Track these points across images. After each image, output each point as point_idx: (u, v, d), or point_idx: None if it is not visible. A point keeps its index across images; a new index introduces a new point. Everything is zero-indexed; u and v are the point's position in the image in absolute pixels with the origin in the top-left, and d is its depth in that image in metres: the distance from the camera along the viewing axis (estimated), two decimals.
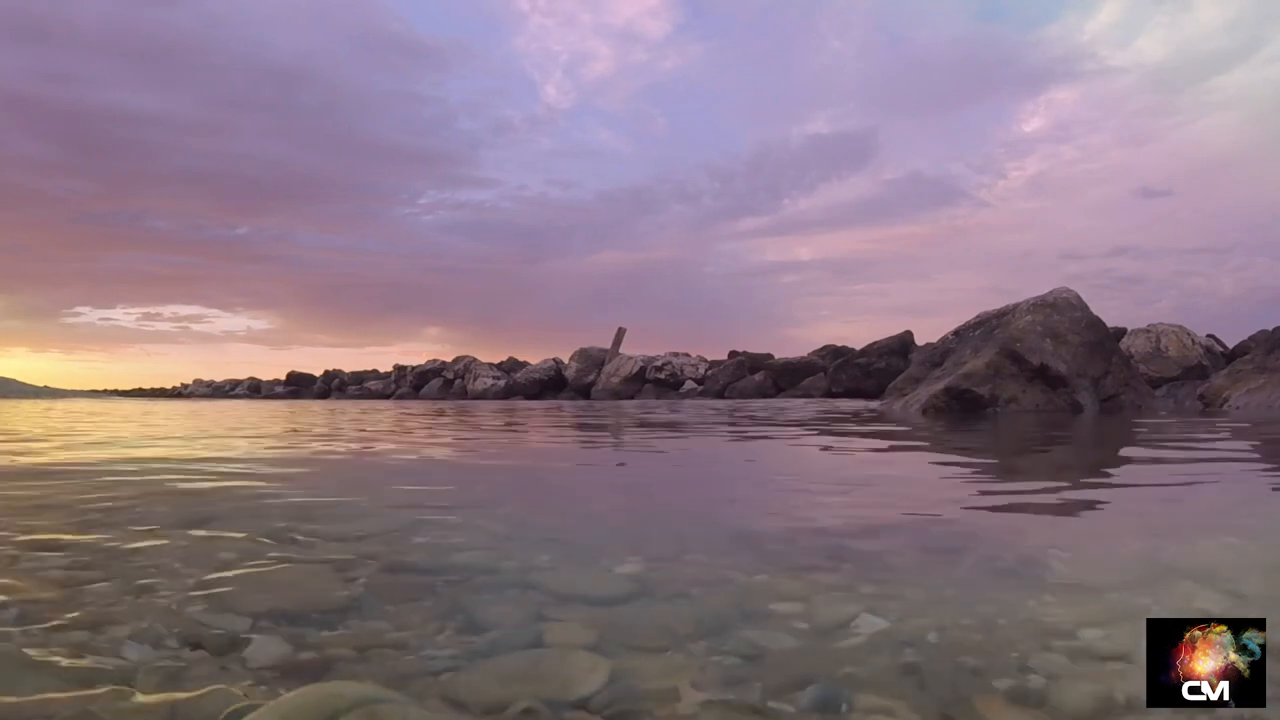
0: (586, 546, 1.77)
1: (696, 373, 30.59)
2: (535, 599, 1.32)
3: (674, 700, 0.93)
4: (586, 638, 1.14)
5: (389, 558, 1.59)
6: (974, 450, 4.59)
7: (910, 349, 23.71)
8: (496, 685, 0.97)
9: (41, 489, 2.65)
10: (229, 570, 1.48)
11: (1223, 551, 1.71)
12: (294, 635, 1.13)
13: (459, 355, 37.62)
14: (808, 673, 0.99)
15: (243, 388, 47.21)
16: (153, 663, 1.02)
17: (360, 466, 3.75)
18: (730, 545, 1.74)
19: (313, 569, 1.50)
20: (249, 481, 2.88)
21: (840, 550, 1.65)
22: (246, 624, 1.17)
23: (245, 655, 1.06)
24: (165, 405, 18.19)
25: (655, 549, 1.70)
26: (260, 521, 1.98)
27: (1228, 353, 18.80)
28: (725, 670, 1.02)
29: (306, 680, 0.96)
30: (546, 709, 0.90)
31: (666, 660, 1.05)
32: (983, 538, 1.85)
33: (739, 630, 1.15)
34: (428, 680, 0.99)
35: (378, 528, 1.91)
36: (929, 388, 10.36)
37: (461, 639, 1.13)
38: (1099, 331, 10.80)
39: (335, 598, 1.32)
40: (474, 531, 1.89)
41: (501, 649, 1.09)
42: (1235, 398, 10.90)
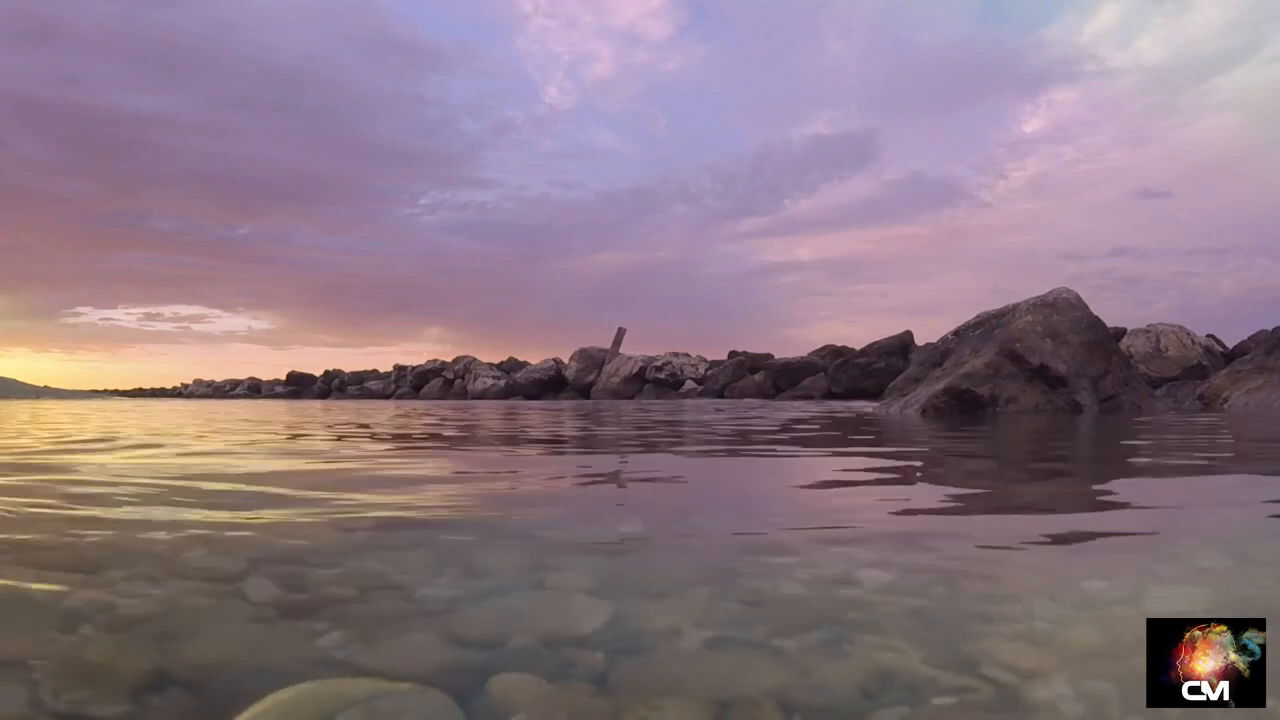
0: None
1: (696, 373, 30.65)
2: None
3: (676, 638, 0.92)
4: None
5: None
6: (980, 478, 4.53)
7: (910, 349, 23.76)
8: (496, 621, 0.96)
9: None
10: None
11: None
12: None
13: (459, 355, 37.73)
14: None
15: (243, 388, 47.27)
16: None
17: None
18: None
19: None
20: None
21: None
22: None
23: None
24: (173, 406, 18.12)
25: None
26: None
27: (1227, 353, 18.84)
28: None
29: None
30: (545, 646, 0.89)
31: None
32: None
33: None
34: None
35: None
36: (929, 388, 10.36)
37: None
38: (1099, 331, 10.81)
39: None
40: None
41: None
42: (1235, 397, 10.92)
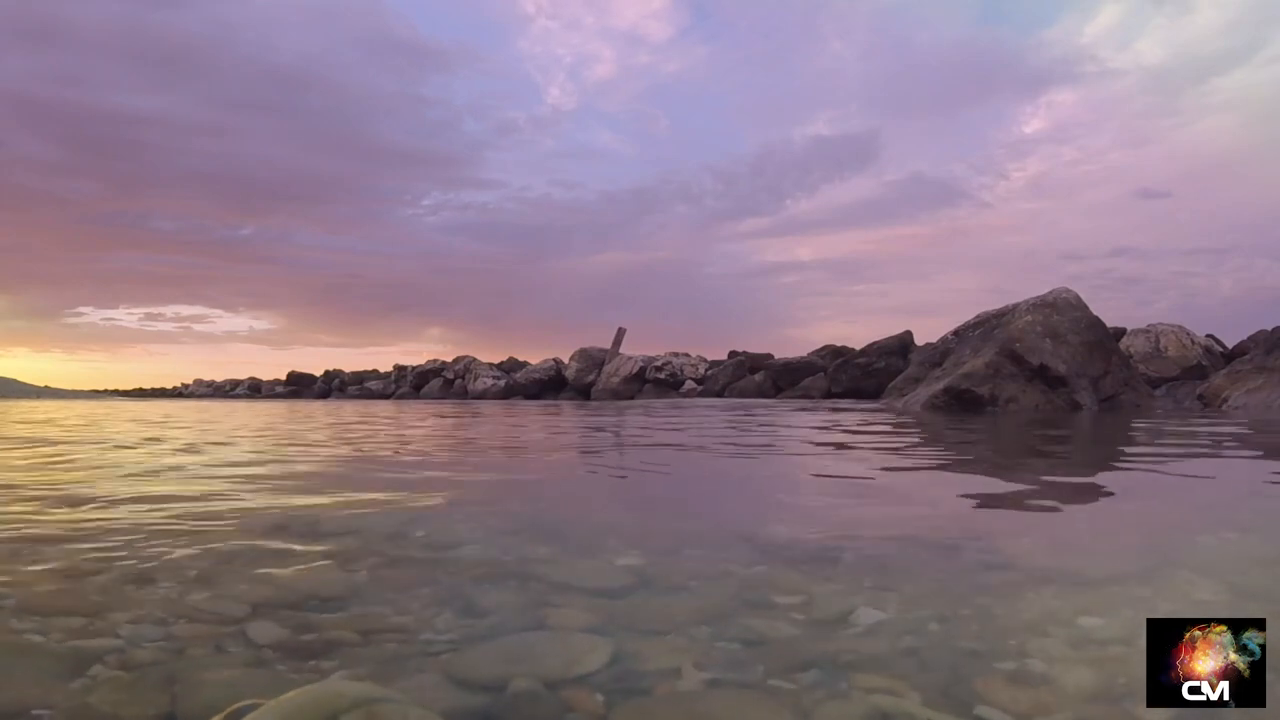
0: None
1: (696, 373, 30.64)
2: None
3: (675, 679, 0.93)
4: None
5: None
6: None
7: (910, 349, 23.74)
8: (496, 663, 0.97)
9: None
10: None
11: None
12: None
13: (459, 355, 37.68)
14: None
15: (243, 388, 47.24)
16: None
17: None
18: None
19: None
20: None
21: None
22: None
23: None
24: (186, 406, 18.09)
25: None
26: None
27: (1227, 353, 18.82)
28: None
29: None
30: (545, 687, 0.90)
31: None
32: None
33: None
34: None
35: None
36: (929, 388, 10.36)
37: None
38: (1099, 331, 10.80)
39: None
40: None
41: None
42: (1234, 397, 10.92)
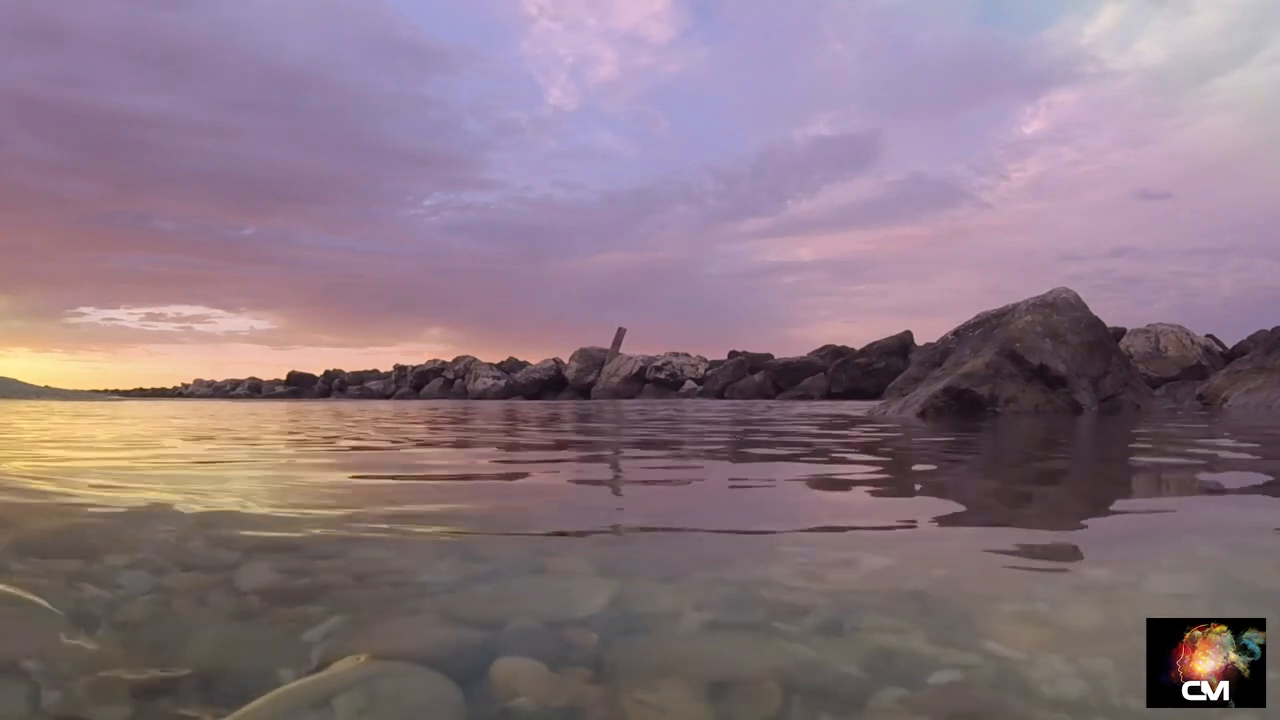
0: None
1: (696, 373, 30.66)
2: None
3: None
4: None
5: None
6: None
7: (910, 349, 23.76)
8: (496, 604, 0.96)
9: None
10: None
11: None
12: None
13: (459, 355, 37.72)
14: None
15: (243, 388, 47.27)
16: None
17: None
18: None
19: None
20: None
21: None
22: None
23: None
24: (195, 406, 18.05)
25: None
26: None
27: (1227, 353, 18.84)
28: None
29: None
30: (546, 628, 0.89)
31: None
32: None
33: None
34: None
35: None
36: (928, 388, 10.36)
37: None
38: (1099, 331, 10.80)
39: None
40: None
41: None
42: (1234, 397, 10.93)
